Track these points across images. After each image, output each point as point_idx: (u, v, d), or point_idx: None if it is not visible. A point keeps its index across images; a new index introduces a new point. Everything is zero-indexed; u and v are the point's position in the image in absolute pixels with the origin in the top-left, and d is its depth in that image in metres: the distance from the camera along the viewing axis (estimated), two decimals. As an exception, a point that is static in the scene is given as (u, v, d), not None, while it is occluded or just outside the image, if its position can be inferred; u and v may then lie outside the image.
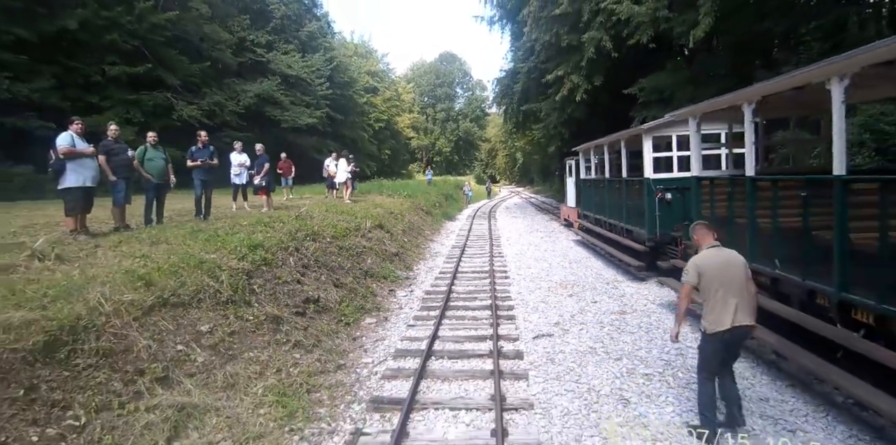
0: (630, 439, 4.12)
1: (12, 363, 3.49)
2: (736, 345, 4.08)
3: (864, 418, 4.37)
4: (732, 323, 3.86)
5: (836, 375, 4.39)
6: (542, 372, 5.54)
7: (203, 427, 4.00)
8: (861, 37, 11.56)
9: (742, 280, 3.98)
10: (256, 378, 4.87)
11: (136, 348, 4.31)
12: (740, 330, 3.90)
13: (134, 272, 5.27)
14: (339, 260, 9.10)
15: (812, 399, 4.77)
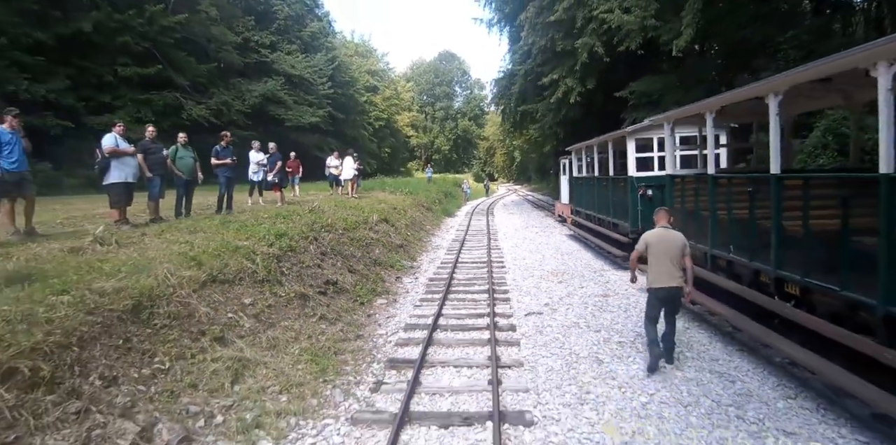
0: (600, 386, 5.10)
1: (111, 320, 4.44)
2: (669, 301, 5.40)
3: (793, 372, 5.34)
4: (663, 283, 5.24)
5: (773, 338, 5.37)
6: (531, 341, 6.51)
7: (255, 375, 4.96)
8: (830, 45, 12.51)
9: (677, 254, 5.26)
10: (292, 342, 5.84)
11: (198, 314, 5.27)
12: (671, 289, 5.28)
13: (185, 254, 6.24)
14: (351, 250, 10.07)
15: (755, 360, 5.75)
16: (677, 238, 5.40)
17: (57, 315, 4.06)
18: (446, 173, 70.20)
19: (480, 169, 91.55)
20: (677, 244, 5.36)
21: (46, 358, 3.62)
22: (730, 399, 4.77)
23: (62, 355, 3.75)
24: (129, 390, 3.97)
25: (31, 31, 21.54)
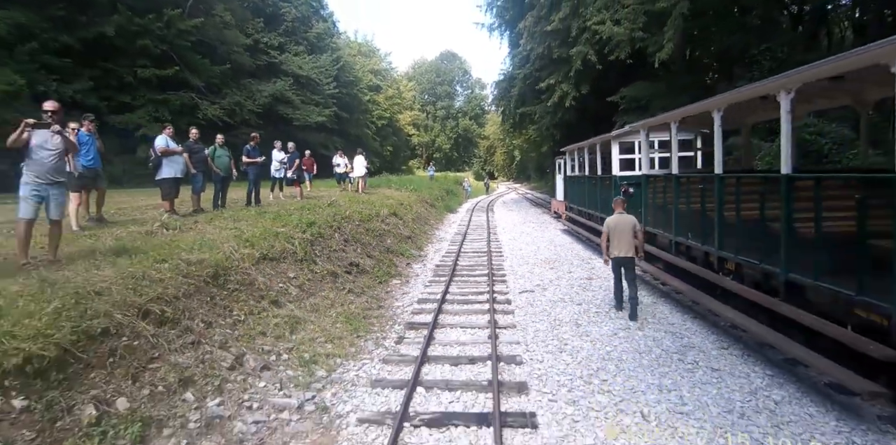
0: (576, 341, 6.46)
1: (199, 282, 5.79)
2: (626, 266, 7.22)
3: (730, 332, 6.70)
4: (621, 253, 7.09)
5: (716, 305, 6.73)
6: (523, 311, 7.87)
7: (305, 329, 6.32)
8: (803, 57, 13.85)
9: (629, 232, 6.99)
10: (329, 308, 7.20)
11: (257, 282, 6.63)
12: (625, 257, 7.14)
13: (239, 237, 7.59)
14: (367, 239, 11.43)
15: (703, 324, 7.10)
16: (630, 220, 7.18)
17: (163, 276, 5.42)
18: (447, 171, 71.46)
19: (481, 167, 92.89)
20: (629, 224, 7.13)
21: (167, 305, 4.98)
22: (676, 349, 6.13)
23: (175, 304, 5.11)
24: (222, 332, 5.33)
25: (58, 36, 22.86)
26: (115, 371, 3.98)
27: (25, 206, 5.22)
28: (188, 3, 27.79)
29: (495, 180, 79.20)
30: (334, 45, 50.63)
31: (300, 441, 4.11)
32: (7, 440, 3.05)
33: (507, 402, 4.74)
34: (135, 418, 3.69)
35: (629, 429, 4.22)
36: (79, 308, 4.17)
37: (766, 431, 4.17)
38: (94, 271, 5.17)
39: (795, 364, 5.47)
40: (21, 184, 5.27)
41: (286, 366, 5.35)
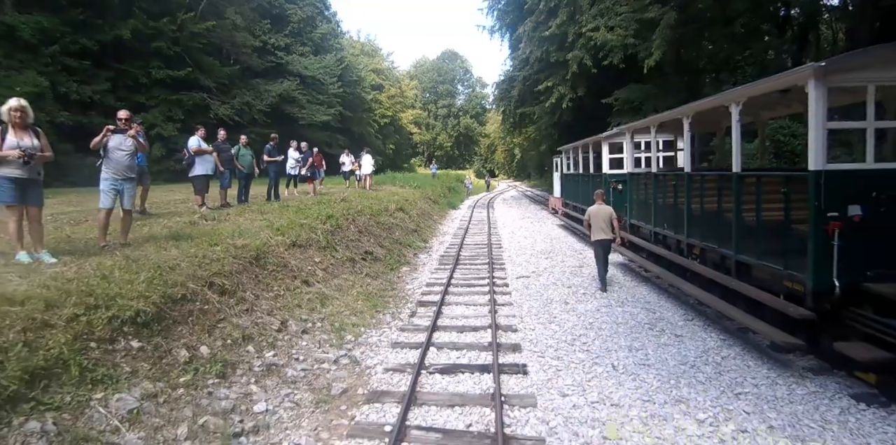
0: (564, 315, 7.54)
1: (245, 263, 6.86)
2: (604, 247, 8.56)
3: (696, 307, 7.77)
4: (599, 237, 8.39)
5: (685, 285, 7.80)
6: (519, 292, 8.95)
7: (332, 304, 7.40)
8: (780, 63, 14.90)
9: (607, 219, 8.29)
10: (350, 288, 8.29)
11: (290, 265, 7.71)
12: (603, 240, 8.49)
13: (270, 226, 8.67)
14: (378, 231, 12.51)
15: (674, 301, 8.18)
16: (607, 209, 8.55)
17: (218, 257, 6.49)
18: (449, 169, 72.52)
19: (482, 165, 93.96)
20: (607, 213, 8.48)
21: (225, 278, 6.06)
22: (648, 321, 7.21)
23: (231, 278, 6.19)
24: (267, 303, 6.41)
25: (78, 38, 23.86)
26: (195, 327, 5.06)
27: (105, 198, 6.29)
28: (200, 7, 28.81)
29: (496, 178, 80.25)
30: (338, 46, 51.58)
31: (341, 382, 5.19)
32: (133, 368, 4.13)
33: (503, 357, 5.82)
34: (215, 360, 4.77)
35: (600, 375, 5.31)
36: (162, 278, 5.25)
37: (710, 376, 5.25)
38: (163, 251, 6.25)
39: (746, 331, 6.54)
40: (101, 179, 6.34)
41: (321, 331, 6.44)
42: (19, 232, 5.40)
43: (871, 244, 4.70)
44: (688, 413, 4.47)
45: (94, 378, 3.73)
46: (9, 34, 21.23)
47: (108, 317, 4.24)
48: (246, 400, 4.51)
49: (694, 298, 7.77)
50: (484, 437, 4.07)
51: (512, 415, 4.46)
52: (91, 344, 3.99)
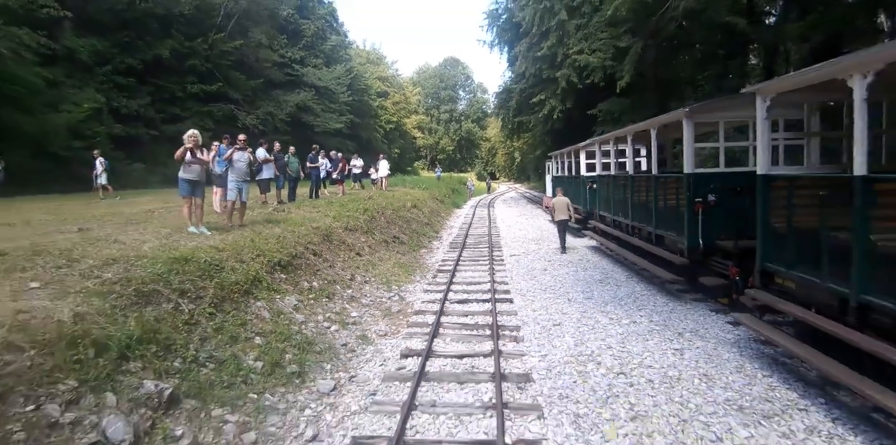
0: (543, 276, 10.62)
1: (319, 240, 9.95)
2: (561, 224, 12.27)
3: (638, 272, 10.83)
4: (560, 218, 12.02)
5: (630, 255, 10.87)
6: (511, 265, 12.03)
7: (378, 269, 10.48)
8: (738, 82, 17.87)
9: (565, 206, 11.89)
10: (388, 260, 11.38)
11: (347, 242, 10.81)
12: (563, 220, 12.22)
13: (327, 216, 11.77)
14: (400, 223, 15.61)
15: (624, 268, 11.24)
16: (565, 199, 12.35)
17: (304, 233, 9.57)
18: (451, 172, 75.61)
19: (483, 168, 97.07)
20: (564, 202, 12.23)
21: (315, 246, 9.16)
22: (600, 278, 10.29)
23: (317, 247, 9.28)
24: (339, 264, 9.51)
25: (125, 58, 27.05)
26: (306, 272, 8.15)
27: (231, 193, 9.36)
28: (229, 27, 32.02)
29: (496, 180, 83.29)
30: (347, 56, 54.88)
31: (395, 306, 8.28)
32: (286, 287, 7.20)
33: (498, 296, 8.88)
34: (322, 290, 7.86)
35: (558, 302, 8.39)
36: (281, 243, 8.34)
37: (627, 303, 8.33)
38: (269, 230, 9.35)
39: (663, 283, 9.60)
40: (229, 181, 9.41)
41: (376, 282, 9.54)
42: (190, 214, 8.47)
43: (719, 218, 7.75)
44: (604, 315, 7.57)
45: (272, 289, 6.82)
46: (69, 56, 24.37)
47: (267, 260, 7.33)
48: (344, 311, 7.61)
49: (633, 263, 10.84)
50: (486, 327, 7.14)
51: (501, 320, 7.52)
52: (263, 273, 7.08)
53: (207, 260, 6.30)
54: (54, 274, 5.05)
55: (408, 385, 5.14)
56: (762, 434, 4.13)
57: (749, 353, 5.96)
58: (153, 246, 6.65)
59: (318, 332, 6.48)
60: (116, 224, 8.91)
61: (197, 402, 4.20)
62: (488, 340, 6.54)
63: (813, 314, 5.02)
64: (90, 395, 3.60)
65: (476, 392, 5.03)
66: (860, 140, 4.37)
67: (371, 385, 5.29)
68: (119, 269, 5.39)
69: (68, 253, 5.88)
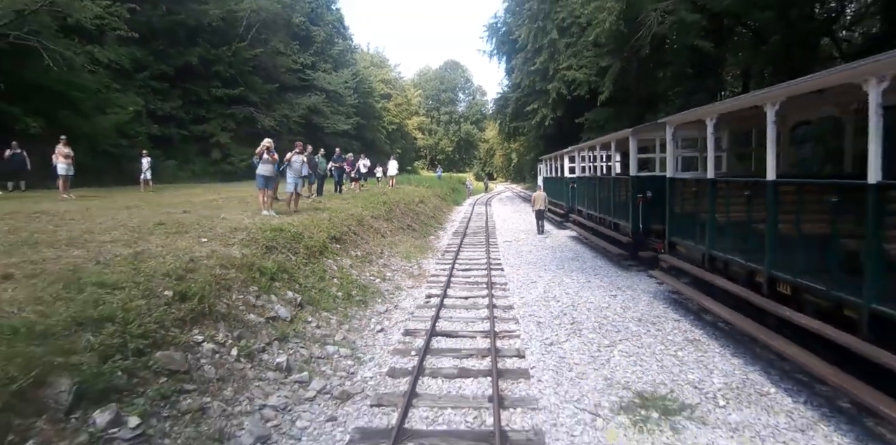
0: (528, 255, 13.54)
1: (356, 223, 12.83)
2: (539, 212, 15.95)
3: (601, 252, 13.75)
4: (537, 207, 15.66)
5: (592, 238, 13.79)
6: (503, 248, 14.94)
7: (399, 247, 13.37)
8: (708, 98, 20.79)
9: (543, 199, 15.33)
10: (405, 242, 14.28)
11: (374, 227, 13.70)
12: (540, 210, 15.91)
13: (356, 206, 14.66)
14: (411, 215, 18.50)
15: (590, 249, 14.16)
16: (543, 194, 15.65)
17: (344, 218, 12.46)
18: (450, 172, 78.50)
19: (481, 168, 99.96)
20: (543, 196, 15.50)
21: (355, 228, 12.05)
22: (571, 256, 13.21)
23: (355, 228, 12.18)
24: (371, 242, 12.40)
25: (159, 65, 29.85)
26: (351, 245, 11.03)
27: (290, 186, 12.20)
28: (249, 36, 34.82)
29: (494, 181, 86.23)
30: (353, 61, 57.79)
31: (417, 271, 11.18)
32: (338, 254, 10.08)
33: (492, 267, 11.78)
34: (364, 258, 10.75)
35: (537, 271, 11.31)
36: (331, 223, 11.22)
37: (587, 272, 11.24)
38: (318, 215, 12.22)
39: (618, 259, 12.50)
40: (288, 177, 12.26)
41: (399, 257, 12.43)
42: (263, 201, 11.32)
43: (654, 208, 10.65)
44: (569, 278, 10.50)
45: (333, 253, 9.71)
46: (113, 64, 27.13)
47: (326, 235, 10.22)
48: (381, 272, 10.50)
49: (602, 247, 13.75)
50: (483, 284, 10.03)
51: (494, 279, 10.39)
52: (327, 242, 9.96)
53: (292, 231, 9.19)
54: (208, 235, 7.91)
55: (433, 309, 8.03)
56: (646, 330, 7.04)
57: (660, 297, 8.89)
58: (250, 222, 9.51)
59: (369, 282, 9.38)
60: (205, 208, 11.77)
61: (313, 308, 7.09)
62: (485, 289, 9.44)
63: (692, 266, 7.94)
64: (264, 295, 6.50)
65: (477, 313, 7.93)
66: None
67: (409, 310, 8.20)
68: (243, 234, 8.26)
69: (199, 225, 8.73)
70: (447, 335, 6.86)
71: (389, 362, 5.95)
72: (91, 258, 5.71)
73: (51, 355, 3.66)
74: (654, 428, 4.32)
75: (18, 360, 3.49)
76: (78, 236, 7.03)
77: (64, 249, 6.16)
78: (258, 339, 5.56)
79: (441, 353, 6.13)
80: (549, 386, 5.22)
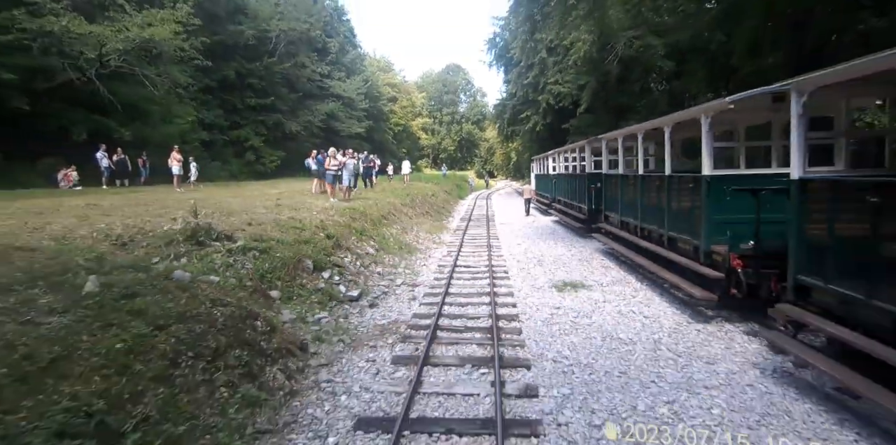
0: (519, 231, 18.39)
1: (392, 209, 17.66)
2: (526, 200, 22.13)
3: (573, 231, 18.57)
4: (524, 197, 21.25)
5: (567, 219, 18.62)
6: (500, 227, 19.77)
7: (422, 226, 18.21)
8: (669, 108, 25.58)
9: (530, 190, 21.32)
10: (426, 223, 19.13)
11: (403, 211, 18.56)
12: (528, 199, 21.89)
13: (388, 196, 19.51)
14: (426, 205, 23.35)
15: (567, 229, 18.98)
16: (530, 187, 22.11)
17: (384, 205, 17.29)
18: (453, 170, 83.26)
19: (482, 166, 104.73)
20: (530, 188, 21.69)
21: (390, 212, 16.90)
22: (550, 232, 18.05)
23: (392, 212, 17.03)
24: (404, 221, 17.25)
25: (204, 79, 34.60)
26: (395, 222, 15.87)
27: (346, 182, 17.01)
28: (277, 52, 39.59)
29: (495, 178, 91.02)
30: (363, 68, 62.55)
31: (437, 242, 16.03)
32: (388, 226, 14.90)
33: (490, 238, 16.60)
34: (403, 230, 15.59)
35: (523, 243, 16.15)
36: (378, 208, 16.05)
37: (557, 239, 16.09)
38: (366, 202, 17.05)
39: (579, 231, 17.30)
40: (344, 174, 17.05)
41: (424, 231, 17.27)
42: (332, 192, 16.13)
43: (603, 195, 15.43)
44: (543, 243, 15.37)
45: (385, 225, 14.56)
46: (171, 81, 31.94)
47: (380, 212, 15.07)
48: (416, 238, 15.35)
49: (568, 223, 18.55)
50: (484, 246, 14.85)
51: (492, 244, 15.22)
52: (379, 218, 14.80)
53: (359, 210, 14.04)
54: (312, 211, 12.71)
55: (454, 255, 12.83)
56: (580, 263, 11.88)
57: (598, 250, 13.72)
58: (328, 205, 14.33)
59: (410, 242, 14.25)
60: (284, 198, 16.59)
61: (384, 251, 11.95)
62: (486, 249, 14.25)
63: (612, 227, 12.72)
64: (359, 242, 11.36)
65: (480, 258, 12.75)
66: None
67: (438, 257, 13.05)
68: (332, 211, 13.07)
69: (298, 206, 13.54)
70: (463, 266, 11.71)
71: (432, 275, 10.78)
72: (270, 219, 10.54)
73: (299, 252, 8.51)
74: (568, 292, 9.15)
75: (290, 253, 8.35)
76: (240, 209, 11.84)
77: (248, 215, 10.99)
78: (365, 260, 10.43)
79: (461, 272, 10.95)
80: (518, 280, 10.07)
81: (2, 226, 7.26)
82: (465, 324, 7.19)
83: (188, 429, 3.56)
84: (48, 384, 3.19)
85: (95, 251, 6.07)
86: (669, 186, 9.07)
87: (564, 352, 6.07)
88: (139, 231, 7.71)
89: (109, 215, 9.06)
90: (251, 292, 6.47)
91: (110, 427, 3.15)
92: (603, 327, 7.03)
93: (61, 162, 20.82)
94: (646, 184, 10.46)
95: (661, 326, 7.02)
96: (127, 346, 3.80)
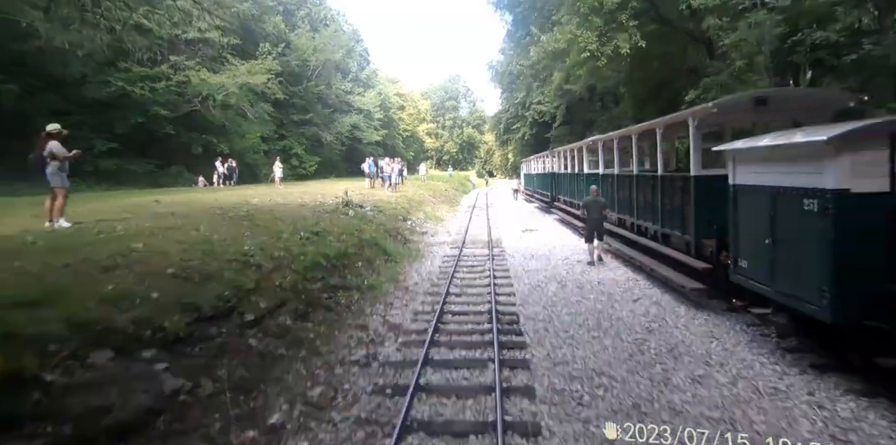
0: (514, 218, 27.10)
1: (423, 198, 26.34)
2: (515, 193, 32.85)
3: (547, 212, 27.24)
4: (513, 188, 30.50)
5: (540, 205, 27.31)
6: (498, 216, 28.43)
7: (442, 209, 26.91)
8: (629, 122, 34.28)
9: (517, 184, 29.63)
10: (443, 208, 27.85)
11: (430, 201, 27.28)
12: (515, 190, 32.09)
13: (418, 191, 28.24)
14: (442, 196, 32.06)
15: (545, 213, 27.67)
16: (518, 181, 29.64)
17: (418, 194, 25.98)
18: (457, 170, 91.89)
19: (482, 166, 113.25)
20: (517, 182, 30.35)
21: (424, 199, 25.63)
22: (528, 212, 26.76)
23: (424, 200, 25.76)
24: (431, 207, 25.97)
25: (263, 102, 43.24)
26: (425, 206, 24.59)
27: (394, 180, 25.67)
28: (314, 75, 48.28)
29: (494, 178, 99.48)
30: (376, 82, 71.28)
31: (453, 215, 24.76)
32: (417, 210, 23.57)
33: (489, 219, 25.28)
34: (433, 209, 24.32)
35: (513, 220, 24.88)
36: (416, 197, 24.74)
37: (537, 217, 24.81)
38: (406, 193, 25.74)
39: (543, 210, 25.95)
40: (394, 174, 25.69)
41: (445, 212, 25.98)
42: (386, 187, 24.78)
43: (563, 187, 24.02)
44: (523, 218, 24.10)
45: (423, 207, 23.29)
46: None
47: (417, 199, 23.81)
48: (438, 212, 24.09)
49: (539, 206, 27.19)
50: (485, 224, 23.53)
51: (491, 224, 23.90)
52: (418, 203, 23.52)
53: (407, 197, 22.81)
54: (379, 198, 21.38)
55: (465, 226, 21.50)
56: (537, 222, 20.61)
57: (555, 221, 22.42)
58: (385, 195, 23.01)
59: (439, 215, 23.03)
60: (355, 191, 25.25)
61: (429, 219, 20.70)
62: (486, 226, 22.91)
63: (562, 204, 21.38)
64: (416, 211, 20.12)
65: (484, 229, 21.44)
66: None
67: (458, 224, 21.79)
68: (393, 198, 21.76)
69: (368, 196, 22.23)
70: (474, 225, 20.42)
71: (454, 234, 19.46)
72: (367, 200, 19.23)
73: (395, 212, 17.27)
74: (528, 235, 17.88)
75: (392, 213, 17.13)
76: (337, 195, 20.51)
77: (353, 199, 19.68)
78: (420, 222, 19.22)
79: (472, 228, 19.66)
80: (503, 229, 18.80)
81: (263, 196, 16.04)
82: (476, 242, 16.03)
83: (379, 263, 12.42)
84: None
85: (323, 204, 14.86)
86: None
87: (521, 250, 14.81)
88: (320, 203, 16.42)
89: (292, 195, 17.82)
90: (391, 218, 15.31)
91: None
92: (541, 241, 15.77)
93: (182, 169, 29.70)
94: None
95: (565, 244, 15.75)
96: (350, 229, 12.60)
